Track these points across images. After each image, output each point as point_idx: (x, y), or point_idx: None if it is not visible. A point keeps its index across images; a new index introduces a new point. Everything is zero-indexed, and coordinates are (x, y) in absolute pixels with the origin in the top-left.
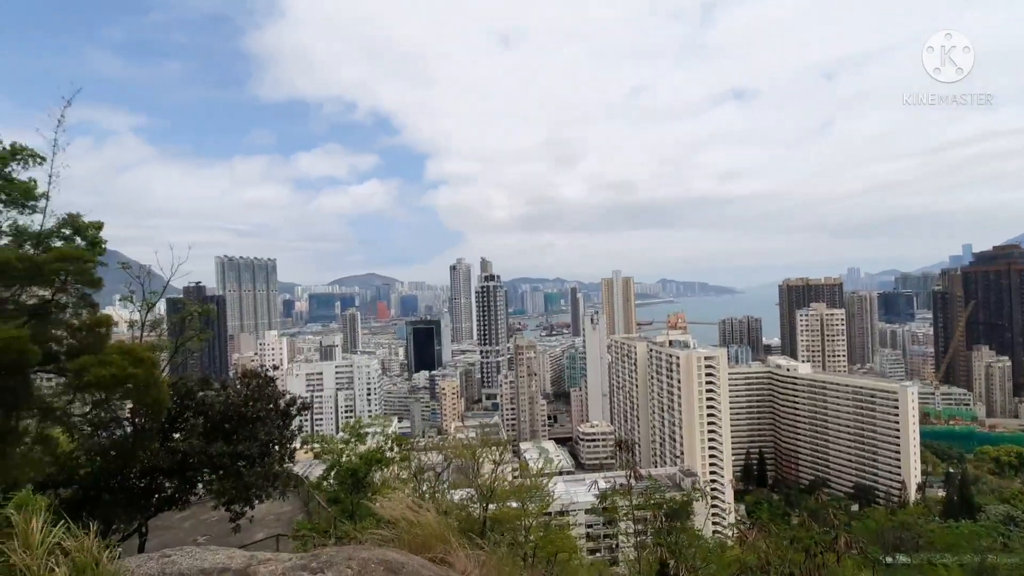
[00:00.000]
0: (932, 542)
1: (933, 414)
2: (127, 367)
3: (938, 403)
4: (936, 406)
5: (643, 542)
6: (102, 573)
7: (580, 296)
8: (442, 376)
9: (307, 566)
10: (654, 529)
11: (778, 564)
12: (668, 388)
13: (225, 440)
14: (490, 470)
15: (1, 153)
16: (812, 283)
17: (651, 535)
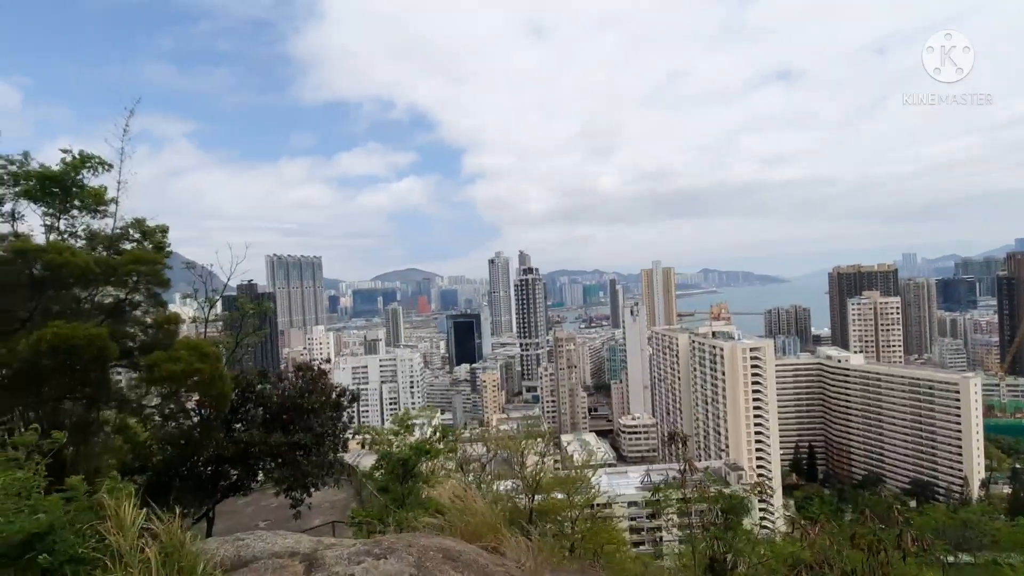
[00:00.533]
0: (997, 541)
1: (998, 407)
2: (194, 362)
3: (1003, 395)
4: (1001, 398)
5: (694, 536)
6: (187, 555)
7: (619, 288)
8: (483, 369)
9: (370, 551)
10: (708, 524)
11: (839, 561)
12: (712, 380)
13: (283, 430)
14: (534, 462)
15: (73, 162)
16: (865, 270)
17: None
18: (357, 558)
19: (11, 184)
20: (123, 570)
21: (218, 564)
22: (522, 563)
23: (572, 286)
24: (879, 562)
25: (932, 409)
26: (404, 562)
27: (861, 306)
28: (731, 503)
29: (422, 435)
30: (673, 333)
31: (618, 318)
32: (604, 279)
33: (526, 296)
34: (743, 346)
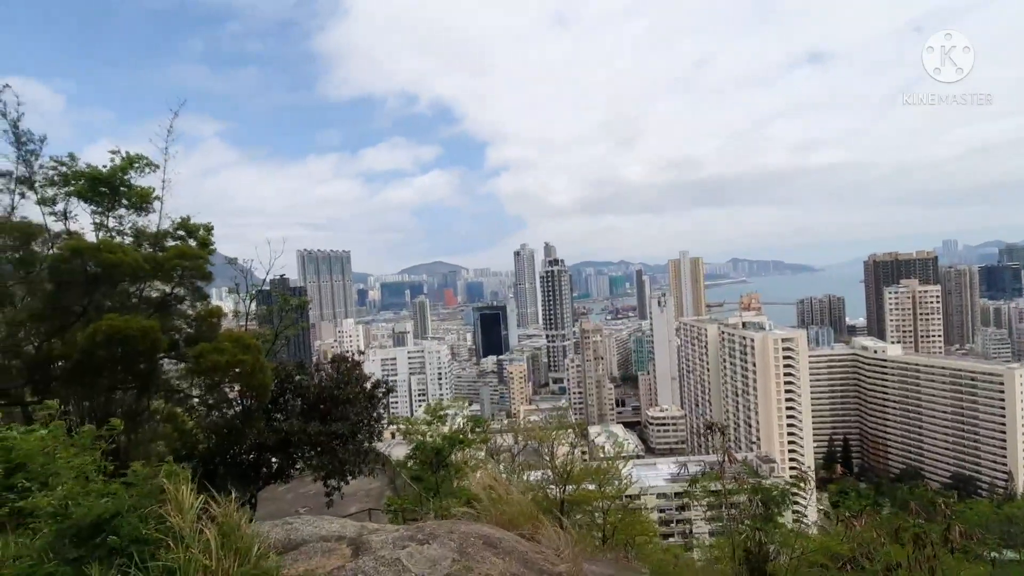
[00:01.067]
0: None
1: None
2: (237, 353)
3: None
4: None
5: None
6: (243, 536)
7: (646, 278)
8: (509, 360)
9: (413, 537)
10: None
11: (882, 555)
12: (743, 372)
13: (321, 420)
14: (564, 452)
15: (121, 163)
16: (902, 258)
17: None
18: (401, 543)
19: (62, 184)
20: (184, 551)
21: (271, 546)
22: (560, 551)
23: (598, 277)
24: (925, 556)
25: (975, 401)
26: (446, 548)
27: (899, 295)
28: (771, 495)
29: (454, 426)
30: (702, 324)
31: (645, 309)
32: (630, 270)
33: (552, 288)
34: (775, 337)
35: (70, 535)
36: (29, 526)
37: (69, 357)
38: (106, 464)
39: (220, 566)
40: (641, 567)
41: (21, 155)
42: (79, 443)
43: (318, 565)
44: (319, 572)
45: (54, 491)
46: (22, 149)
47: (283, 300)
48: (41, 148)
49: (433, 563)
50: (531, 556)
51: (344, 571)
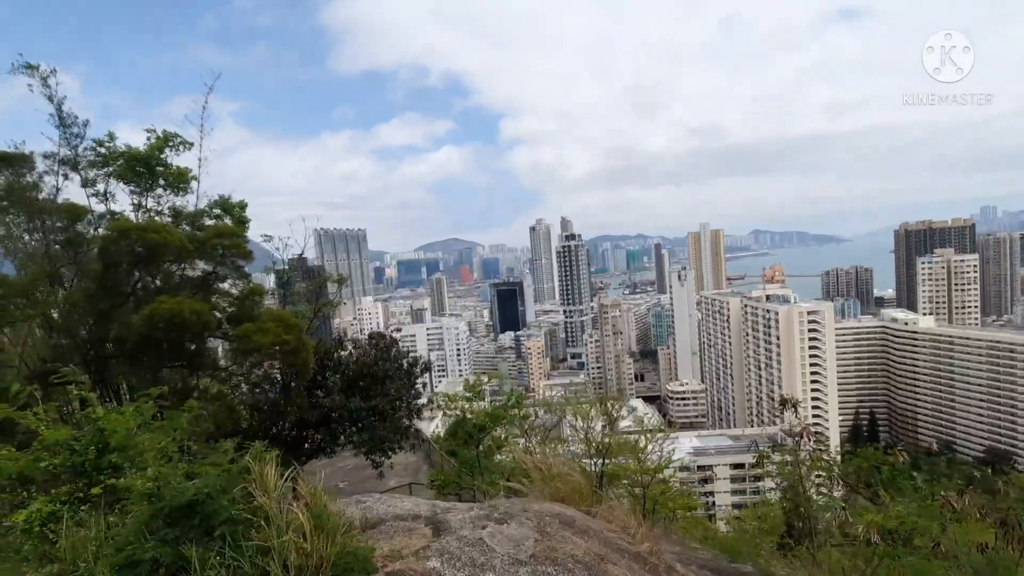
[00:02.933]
0: None
1: None
2: (280, 333)
3: None
4: None
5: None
6: (331, 516)
7: (664, 252)
8: (527, 336)
9: (489, 516)
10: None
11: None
12: (766, 345)
13: (362, 396)
14: (601, 426)
15: (156, 142)
16: (936, 226)
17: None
18: (479, 522)
19: (101, 165)
20: (276, 532)
21: (354, 525)
22: (627, 528)
23: (615, 251)
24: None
25: (1012, 374)
26: (525, 527)
27: (932, 265)
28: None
29: (493, 401)
30: (724, 297)
31: (664, 283)
32: (648, 243)
33: (569, 263)
34: (800, 309)
35: (165, 515)
36: (121, 506)
37: (124, 339)
38: (188, 444)
39: (315, 546)
40: (698, 544)
41: (65, 137)
42: (166, 425)
43: (403, 545)
44: (405, 552)
45: (144, 471)
46: (66, 132)
47: (326, 278)
48: (85, 131)
49: (516, 543)
50: (607, 535)
51: (429, 551)
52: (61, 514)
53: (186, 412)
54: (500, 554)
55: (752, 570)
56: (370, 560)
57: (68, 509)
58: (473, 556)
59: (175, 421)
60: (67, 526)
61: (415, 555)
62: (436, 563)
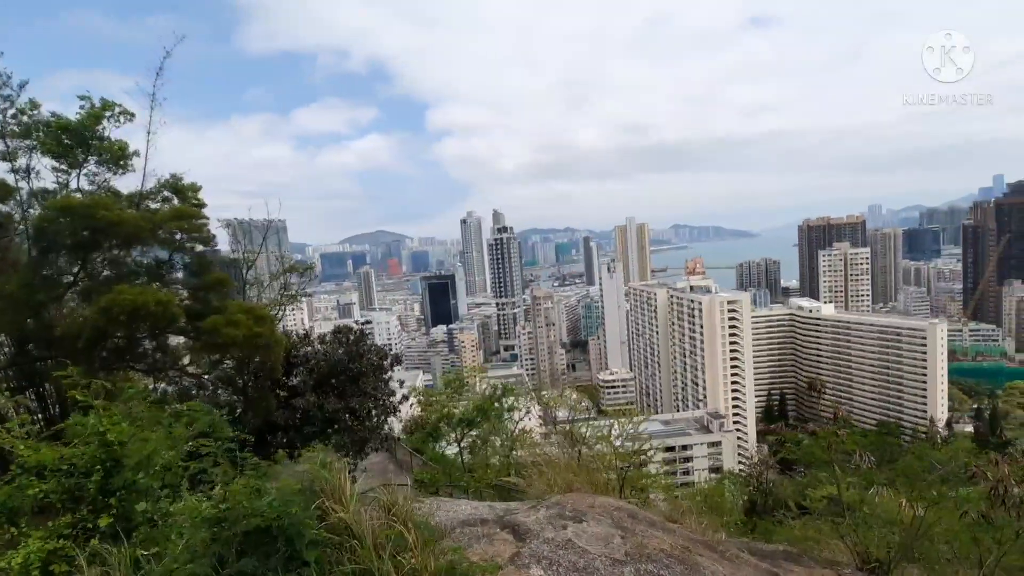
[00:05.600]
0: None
1: (960, 351)
2: (253, 326)
3: (966, 340)
4: (964, 343)
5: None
6: (429, 527)
7: (593, 245)
8: (460, 329)
9: (563, 515)
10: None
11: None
12: (690, 333)
13: (336, 395)
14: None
15: (92, 111)
16: (834, 222)
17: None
18: (556, 522)
19: (22, 136)
20: (372, 550)
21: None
22: (670, 518)
23: (544, 244)
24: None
25: (900, 355)
26: (603, 524)
27: (831, 257)
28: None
29: (479, 394)
30: (651, 288)
31: (592, 275)
32: (577, 237)
33: (501, 255)
34: (721, 299)
35: (237, 542)
36: (141, 537)
37: (75, 335)
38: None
39: (425, 564)
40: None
41: None
42: (177, 434)
43: (493, 552)
44: (499, 560)
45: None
46: None
47: (290, 266)
48: (19, 94)
49: (604, 541)
50: (670, 526)
51: (523, 558)
52: (66, 551)
53: (184, 416)
54: (595, 554)
55: (792, 549)
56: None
57: (72, 545)
58: (572, 559)
59: (176, 428)
60: (83, 567)
61: (512, 563)
62: (539, 571)
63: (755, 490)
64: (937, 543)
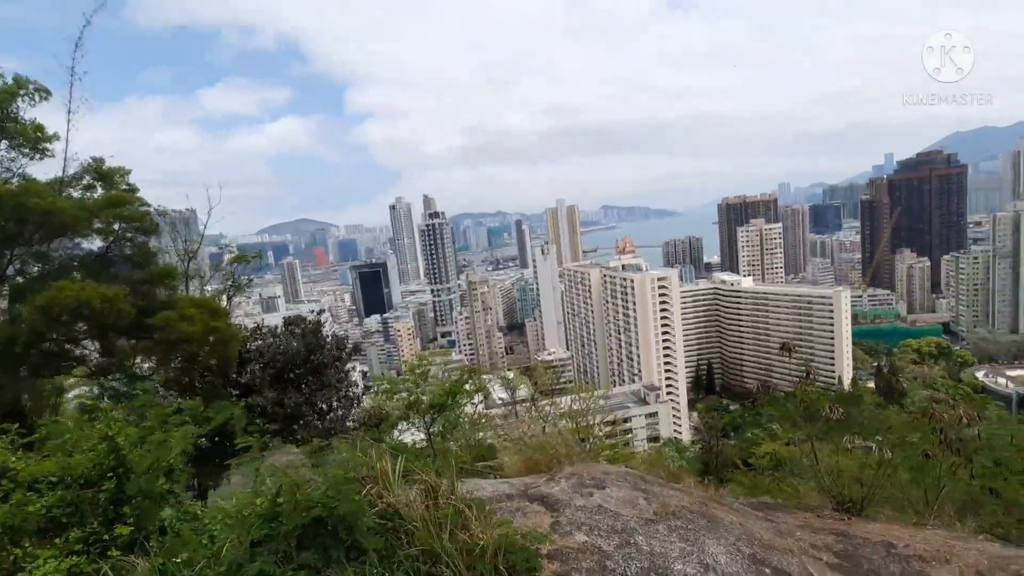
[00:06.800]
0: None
1: (861, 315)
2: (209, 321)
3: (865, 305)
4: (864, 307)
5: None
6: (480, 504)
7: (525, 228)
8: (395, 318)
9: (584, 484)
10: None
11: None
12: (624, 311)
13: (296, 390)
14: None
15: (5, 88)
16: (749, 200)
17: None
18: (581, 491)
19: None
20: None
21: None
22: (689, 489)
23: (477, 229)
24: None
25: (811, 321)
26: (624, 489)
27: (749, 233)
28: (843, 400)
29: (443, 379)
30: (585, 269)
31: (526, 258)
32: (508, 220)
33: (434, 241)
34: (651, 277)
35: (296, 537)
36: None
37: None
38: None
39: (488, 540)
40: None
41: None
42: (182, 434)
43: (535, 523)
44: (541, 529)
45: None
46: None
47: (241, 257)
48: None
49: (631, 503)
50: (678, 492)
51: (562, 525)
52: (80, 568)
53: (191, 415)
54: (628, 516)
55: (774, 500)
56: (532, 546)
57: (87, 561)
58: (608, 523)
59: (183, 429)
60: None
61: (554, 531)
62: (583, 536)
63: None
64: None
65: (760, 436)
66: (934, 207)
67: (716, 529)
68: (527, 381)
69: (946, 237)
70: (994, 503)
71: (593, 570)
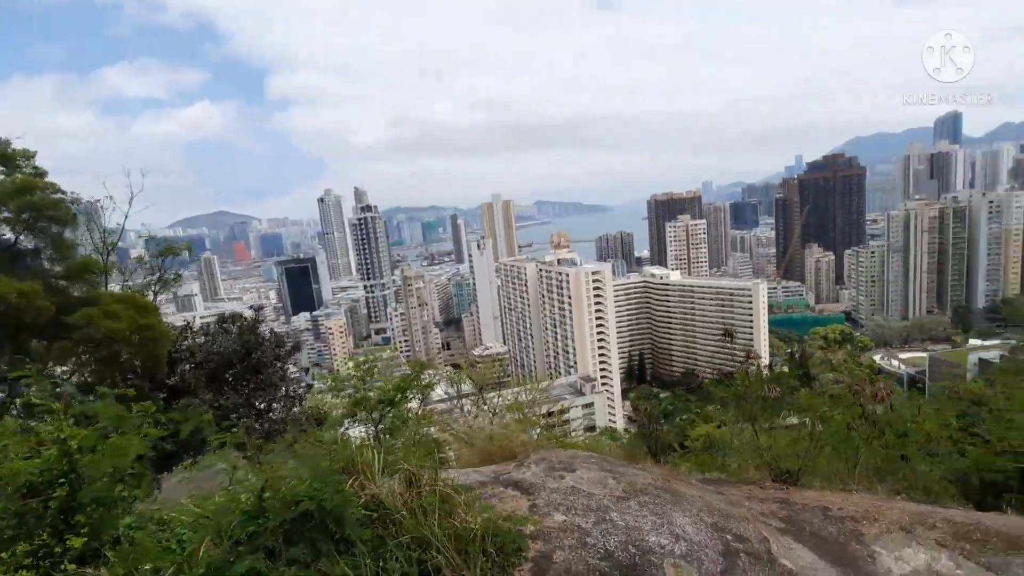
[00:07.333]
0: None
1: (776, 305)
2: (137, 318)
3: (780, 296)
4: (778, 298)
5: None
6: (463, 489)
7: (460, 222)
8: (326, 316)
9: (553, 467)
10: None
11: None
12: (559, 304)
13: (233, 390)
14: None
15: None
16: (676, 197)
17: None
18: (554, 474)
19: None
20: (424, 521)
21: None
22: (651, 468)
23: (411, 223)
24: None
25: (732, 312)
26: (593, 471)
27: (676, 229)
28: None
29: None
30: (521, 263)
31: (462, 253)
32: (443, 215)
33: (366, 235)
34: (586, 271)
35: (282, 532)
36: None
37: None
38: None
39: (479, 525)
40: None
41: None
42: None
43: (513, 507)
44: (521, 512)
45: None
46: None
47: (170, 248)
48: None
49: (601, 484)
50: (643, 474)
51: (540, 507)
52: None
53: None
54: (600, 495)
55: (722, 476)
56: (516, 528)
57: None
58: (583, 502)
59: (141, 429)
60: None
61: (534, 513)
62: (561, 516)
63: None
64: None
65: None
66: (838, 206)
67: (680, 503)
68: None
69: (848, 233)
70: (904, 468)
71: (575, 546)
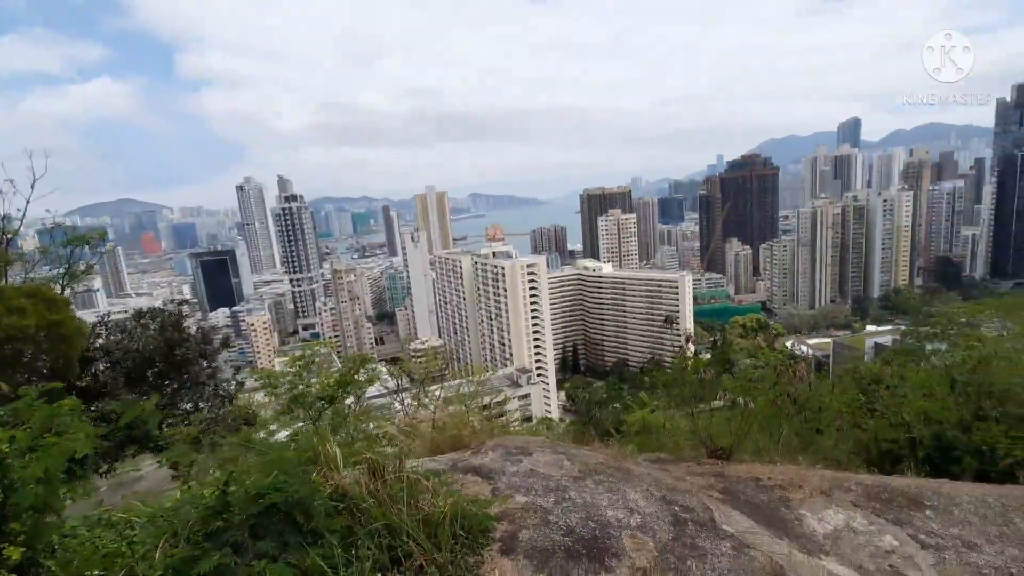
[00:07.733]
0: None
1: (700, 296)
2: (45, 313)
3: (703, 287)
4: (702, 289)
5: None
6: (431, 475)
7: (393, 214)
8: (247, 311)
9: (510, 453)
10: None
11: None
12: (495, 297)
13: (156, 390)
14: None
15: None
16: (607, 192)
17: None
18: (511, 459)
19: None
20: (393, 508)
21: None
22: (601, 449)
23: (340, 214)
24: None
25: (661, 302)
26: (546, 455)
27: (608, 222)
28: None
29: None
30: (456, 256)
31: (395, 245)
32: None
33: (291, 226)
34: (521, 263)
35: (249, 527)
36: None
37: None
38: None
39: (450, 510)
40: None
41: None
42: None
43: (476, 491)
44: (483, 497)
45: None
46: None
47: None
48: None
49: (557, 465)
50: (596, 456)
51: (502, 490)
52: None
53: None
54: (557, 476)
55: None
56: (483, 509)
57: None
58: (542, 483)
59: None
60: None
61: (495, 496)
62: (522, 497)
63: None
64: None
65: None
66: (754, 203)
67: (631, 480)
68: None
69: (764, 229)
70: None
71: (538, 524)
